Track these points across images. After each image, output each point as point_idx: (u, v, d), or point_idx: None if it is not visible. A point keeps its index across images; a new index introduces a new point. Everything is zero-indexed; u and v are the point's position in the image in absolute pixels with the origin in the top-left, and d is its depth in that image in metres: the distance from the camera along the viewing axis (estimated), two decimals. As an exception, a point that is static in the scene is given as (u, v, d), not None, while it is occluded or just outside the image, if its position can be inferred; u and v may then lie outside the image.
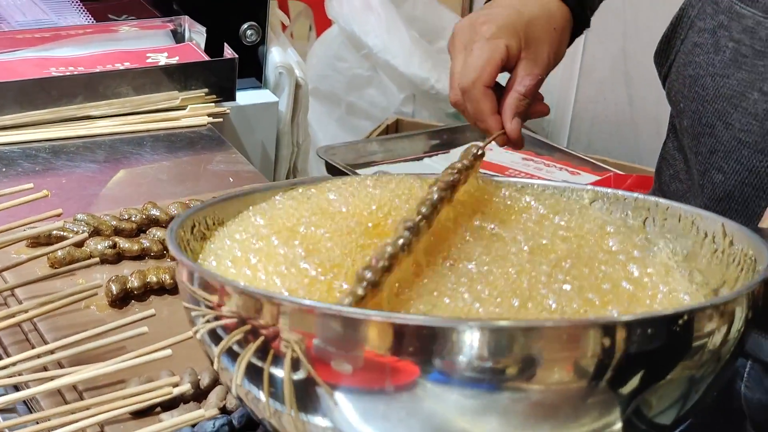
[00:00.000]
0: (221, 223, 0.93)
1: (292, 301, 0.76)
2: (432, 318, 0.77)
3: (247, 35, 1.77)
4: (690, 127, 1.18)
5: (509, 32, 1.09)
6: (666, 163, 1.27)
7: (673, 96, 1.21)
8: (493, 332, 0.71)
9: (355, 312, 0.73)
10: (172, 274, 1.17)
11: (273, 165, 1.83)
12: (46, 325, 1.09)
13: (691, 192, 1.21)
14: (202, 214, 0.92)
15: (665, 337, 0.73)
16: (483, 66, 1.07)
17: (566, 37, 1.15)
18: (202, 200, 1.31)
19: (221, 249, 0.87)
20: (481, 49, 1.07)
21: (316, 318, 0.73)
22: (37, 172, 1.45)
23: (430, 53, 2.68)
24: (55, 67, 1.61)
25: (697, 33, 1.17)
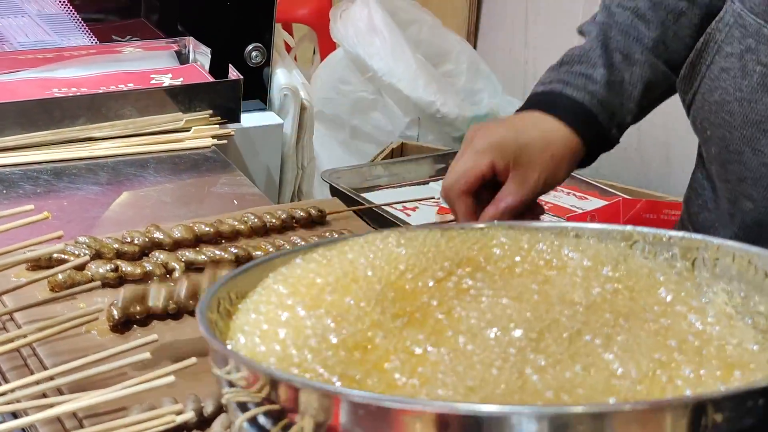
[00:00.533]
0: (244, 295, 0.88)
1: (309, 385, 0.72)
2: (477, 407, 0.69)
3: (252, 57, 1.75)
4: (718, 154, 1.15)
5: (498, 150, 1.13)
6: (695, 192, 1.24)
7: (699, 123, 1.18)
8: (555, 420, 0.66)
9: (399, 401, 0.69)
10: (175, 298, 1.14)
11: (278, 188, 1.80)
12: (45, 350, 1.06)
13: (720, 221, 1.18)
14: (225, 290, 0.87)
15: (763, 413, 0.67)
16: (462, 174, 1.13)
17: (567, 164, 1.17)
18: (206, 223, 1.28)
19: (247, 324, 0.83)
20: (466, 159, 1.14)
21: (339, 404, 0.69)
22: (38, 194, 1.42)
23: (435, 77, 2.66)
24: (58, 88, 1.59)
25: (723, 58, 1.14)
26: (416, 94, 2.62)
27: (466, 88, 2.76)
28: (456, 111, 2.64)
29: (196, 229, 1.28)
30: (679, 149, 2.56)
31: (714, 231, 1.20)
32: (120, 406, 0.96)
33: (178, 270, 1.21)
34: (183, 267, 1.21)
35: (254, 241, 1.29)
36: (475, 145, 1.14)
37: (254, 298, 0.85)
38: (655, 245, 0.93)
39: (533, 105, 1.20)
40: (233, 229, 1.30)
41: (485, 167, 1.13)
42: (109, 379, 0.99)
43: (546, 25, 2.94)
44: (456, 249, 0.91)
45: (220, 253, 1.24)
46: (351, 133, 2.75)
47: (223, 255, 1.23)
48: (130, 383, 0.94)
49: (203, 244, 1.27)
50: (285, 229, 1.33)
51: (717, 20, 1.16)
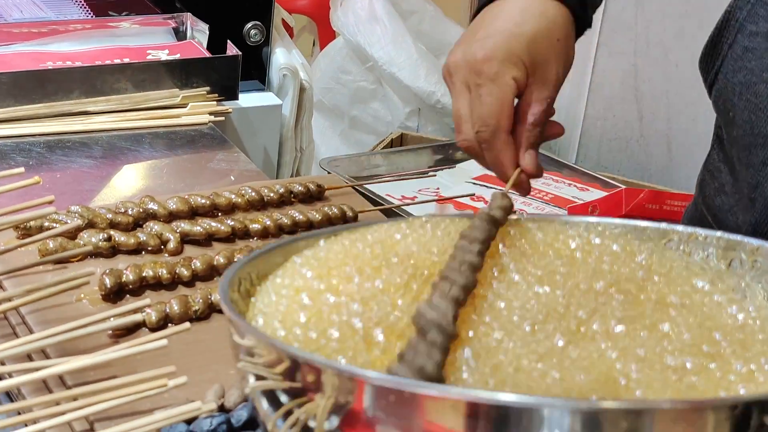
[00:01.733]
0: (265, 276, 0.84)
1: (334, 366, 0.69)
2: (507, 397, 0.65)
3: (251, 35, 1.72)
4: (741, 137, 1.10)
5: (513, 64, 0.99)
6: (710, 175, 1.19)
7: (722, 104, 1.13)
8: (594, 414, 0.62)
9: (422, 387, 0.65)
10: (169, 268, 1.11)
11: (275, 170, 1.77)
12: (35, 317, 1.03)
13: (739, 206, 1.14)
14: (246, 270, 0.83)
15: None
16: (499, 112, 0.99)
17: (571, 42, 1.06)
18: (203, 195, 1.25)
19: (268, 306, 0.80)
20: (490, 93, 0.99)
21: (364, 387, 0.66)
22: (30, 166, 1.39)
23: (436, 67, 2.63)
24: (52, 62, 1.55)
25: (747, 37, 1.09)
26: (417, 83, 2.58)
27: (467, 79, 2.73)
28: (456, 102, 2.61)
29: (192, 202, 1.24)
30: (680, 142, 2.53)
31: (732, 215, 1.16)
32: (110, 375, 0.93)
33: (173, 241, 1.18)
34: (178, 238, 1.18)
35: (251, 215, 1.26)
36: (485, 71, 0.99)
37: (276, 280, 0.82)
38: (689, 244, 0.89)
39: None
40: (230, 202, 1.26)
41: (513, 90, 1.00)
42: (99, 347, 0.96)
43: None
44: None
45: (216, 224, 1.21)
46: (350, 123, 2.72)
47: (219, 227, 1.20)
48: (121, 347, 0.91)
49: (199, 216, 1.24)
50: (283, 203, 1.30)
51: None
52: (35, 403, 0.87)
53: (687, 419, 0.63)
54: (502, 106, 0.99)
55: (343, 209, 1.27)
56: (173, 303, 1.05)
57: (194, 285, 1.12)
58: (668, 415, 0.63)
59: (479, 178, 2.25)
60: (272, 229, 1.22)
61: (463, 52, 1.01)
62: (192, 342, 1.01)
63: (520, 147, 1.01)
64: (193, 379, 0.92)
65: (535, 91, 1.01)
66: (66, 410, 0.85)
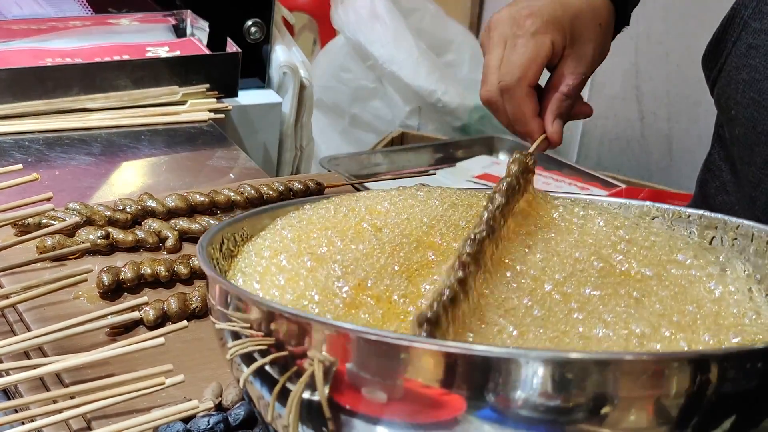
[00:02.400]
0: (249, 239, 0.85)
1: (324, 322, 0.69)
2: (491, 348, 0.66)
3: (251, 32, 1.72)
4: (743, 135, 1.10)
5: (555, 27, 1.02)
6: (711, 174, 1.19)
7: (724, 102, 1.13)
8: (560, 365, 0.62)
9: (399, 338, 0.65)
10: (167, 266, 1.11)
11: (275, 168, 1.77)
12: (32, 315, 1.03)
13: (740, 204, 1.13)
14: (230, 230, 0.83)
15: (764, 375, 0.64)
16: (528, 64, 1.01)
17: (610, 33, 1.08)
18: (201, 193, 1.25)
19: (248, 267, 0.80)
20: (525, 45, 1.01)
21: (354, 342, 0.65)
22: (29, 163, 1.38)
23: (437, 65, 2.62)
24: (52, 58, 1.55)
25: (752, 34, 1.09)
26: (417, 82, 2.58)
27: (468, 77, 2.72)
28: (457, 100, 2.60)
29: (191, 199, 1.24)
30: (681, 141, 2.52)
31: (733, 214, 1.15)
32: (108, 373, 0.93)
33: (171, 238, 1.17)
34: (176, 236, 1.18)
35: (250, 213, 1.26)
36: (527, 27, 1.01)
37: (257, 241, 0.82)
38: (673, 221, 0.90)
39: None
40: (229, 199, 1.26)
41: (549, 50, 1.01)
42: (97, 345, 0.95)
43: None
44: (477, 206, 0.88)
45: (215, 222, 1.20)
46: (351, 122, 2.72)
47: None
48: (118, 345, 0.90)
49: (198, 214, 1.24)
50: (282, 201, 1.30)
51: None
52: (32, 401, 0.87)
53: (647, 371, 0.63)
54: (533, 58, 1.00)
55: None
56: (171, 301, 1.04)
57: (192, 283, 1.11)
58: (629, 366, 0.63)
59: (480, 176, 2.24)
60: (271, 227, 1.22)
61: (509, 9, 1.04)
62: (190, 340, 1.01)
63: (548, 114, 1.03)
64: (191, 378, 0.92)
65: (571, 63, 1.03)
66: (63, 408, 0.84)
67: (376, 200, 0.87)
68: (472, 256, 0.74)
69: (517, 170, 0.87)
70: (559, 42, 1.02)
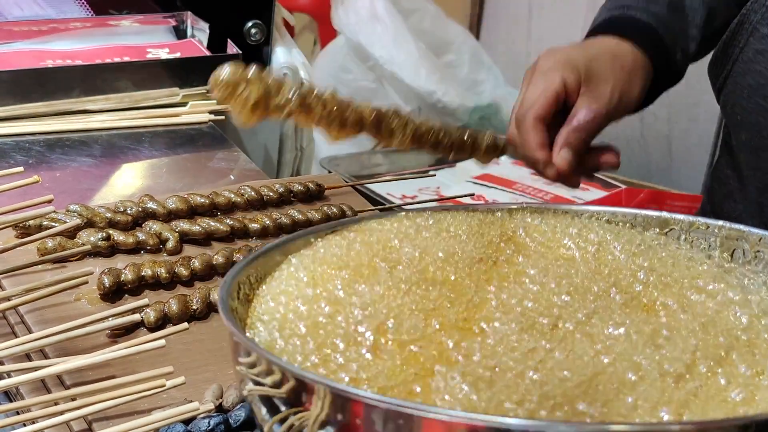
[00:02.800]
0: (263, 278, 0.83)
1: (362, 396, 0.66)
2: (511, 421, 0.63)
3: (252, 34, 1.72)
4: (749, 141, 1.10)
5: (567, 66, 1.07)
6: (718, 181, 1.20)
7: (730, 108, 1.13)
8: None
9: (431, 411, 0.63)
10: (167, 268, 1.11)
11: (276, 169, 1.77)
12: (33, 317, 1.03)
13: (747, 212, 1.13)
14: (245, 274, 0.81)
15: None
16: (536, 98, 1.06)
17: (639, 78, 1.10)
18: (202, 195, 1.25)
19: (266, 313, 0.78)
20: (536, 82, 1.07)
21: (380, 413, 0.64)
22: (30, 164, 1.39)
23: (437, 66, 2.62)
24: (52, 60, 1.55)
25: (758, 40, 1.09)
26: (417, 83, 2.58)
27: (468, 78, 2.72)
28: (457, 101, 2.61)
29: (191, 201, 1.24)
30: (681, 142, 2.53)
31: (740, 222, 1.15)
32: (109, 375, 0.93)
33: (172, 240, 1.17)
34: (177, 237, 1.18)
35: (250, 214, 1.26)
36: (541, 66, 1.08)
37: (273, 285, 0.80)
38: (691, 232, 0.89)
39: (595, 30, 1.14)
40: (229, 201, 1.26)
41: (557, 87, 1.06)
42: (98, 347, 0.96)
43: (549, 17, 2.91)
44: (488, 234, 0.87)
45: (215, 224, 1.20)
46: (350, 122, 2.72)
47: (218, 226, 1.20)
48: (119, 347, 0.91)
49: (198, 215, 1.24)
50: (282, 202, 1.30)
51: (752, 0, 1.11)
52: (33, 403, 0.87)
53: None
54: (542, 93, 1.06)
55: (343, 209, 1.27)
56: (172, 302, 1.04)
57: (193, 284, 1.12)
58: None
59: (479, 177, 2.25)
60: (271, 229, 1.22)
61: (544, 51, 1.10)
62: (190, 342, 1.01)
63: (558, 144, 1.06)
64: (192, 379, 0.92)
65: (586, 100, 1.07)
66: (64, 410, 0.84)
67: (388, 233, 0.85)
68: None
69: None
70: (571, 79, 1.06)
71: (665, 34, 1.12)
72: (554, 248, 0.86)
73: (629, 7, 1.14)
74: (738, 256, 0.86)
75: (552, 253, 0.86)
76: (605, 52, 1.09)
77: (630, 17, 1.13)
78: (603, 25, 1.14)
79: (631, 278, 0.82)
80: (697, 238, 0.88)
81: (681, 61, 1.14)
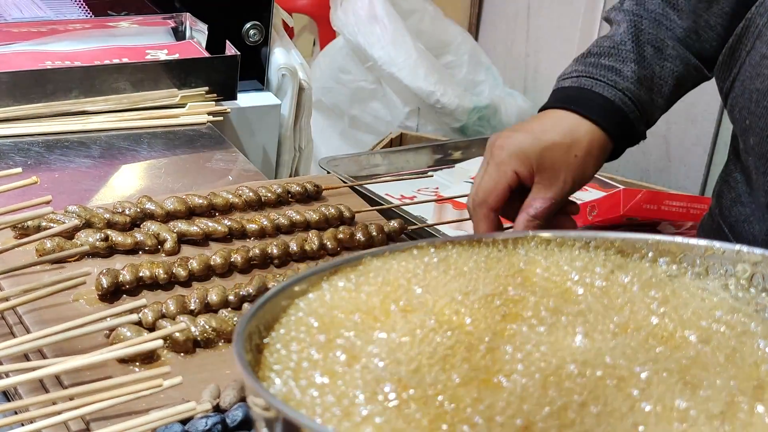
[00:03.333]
0: (271, 326, 0.79)
1: None
2: None
3: (250, 35, 1.73)
4: (756, 145, 1.09)
5: (519, 159, 1.11)
6: (727, 186, 1.19)
7: (737, 112, 1.13)
8: None
9: None
10: (165, 268, 1.11)
11: (274, 169, 1.78)
12: (31, 317, 1.03)
13: (755, 216, 1.13)
14: (254, 323, 0.77)
15: None
16: (489, 190, 1.12)
17: (591, 160, 1.13)
18: (200, 195, 1.25)
19: (278, 362, 0.75)
20: (490, 174, 1.12)
21: None
22: (29, 165, 1.39)
23: (436, 66, 2.63)
24: (51, 61, 1.56)
25: (765, 44, 1.08)
26: (416, 83, 2.59)
27: (467, 79, 2.73)
28: (456, 101, 2.61)
29: (189, 202, 1.25)
30: (678, 143, 2.53)
31: (748, 225, 1.15)
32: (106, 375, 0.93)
33: (170, 241, 1.18)
34: (175, 238, 1.19)
35: (248, 215, 1.27)
36: (495, 157, 1.12)
37: (281, 332, 0.77)
38: (707, 257, 0.85)
39: (558, 101, 1.15)
40: (227, 202, 1.27)
41: (510, 179, 1.11)
42: (97, 347, 0.96)
43: (547, 18, 2.92)
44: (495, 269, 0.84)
45: (213, 225, 1.21)
46: (350, 123, 2.73)
47: (216, 227, 1.21)
48: (117, 347, 0.91)
49: (196, 216, 1.25)
50: (280, 203, 1.31)
51: (758, 4, 1.10)
52: (32, 403, 0.87)
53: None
54: (493, 186, 1.11)
55: (341, 209, 1.27)
56: (169, 303, 1.05)
57: (191, 285, 1.12)
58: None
59: (478, 178, 2.25)
60: (269, 230, 1.22)
61: (495, 135, 1.15)
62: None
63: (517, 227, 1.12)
64: (189, 379, 0.92)
65: (541, 189, 1.12)
66: (62, 410, 0.85)
67: (396, 273, 0.82)
68: None
69: None
70: (523, 171, 1.11)
71: (631, 112, 1.13)
72: (560, 283, 0.83)
73: (596, 80, 1.14)
74: (757, 282, 0.83)
75: (557, 288, 0.83)
76: (560, 139, 1.11)
77: (594, 94, 1.13)
78: (564, 100, 1.15)
79: (645, 311, 0.79)
80: (713, 263, 0.84)
81: (643, 130, 1.16)
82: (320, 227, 1.25)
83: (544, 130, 1.13)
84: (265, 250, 1.17)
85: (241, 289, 1.09)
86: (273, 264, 1.18)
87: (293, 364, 0.74)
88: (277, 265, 1.18)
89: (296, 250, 1.19)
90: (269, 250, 1.18)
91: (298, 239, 1.20)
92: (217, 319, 1.03)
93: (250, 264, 1.17)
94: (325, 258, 1.21)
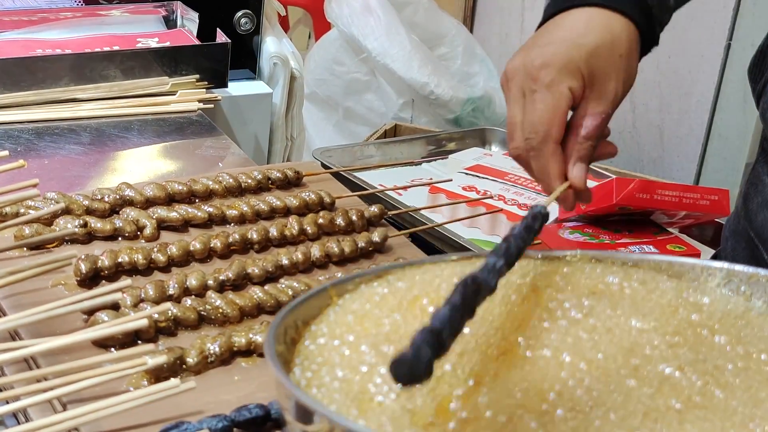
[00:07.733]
0: (308, 321, 0.80)
1: None
2: None
3: (242, 23, 1.73)
4: None
5: (570, 73, 0.96)
6: (754, 189, 1.13)
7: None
8: None
9: None
10: (145, 254, 1.10)
11: (266, 159, 1.78)
12: (10, 302, 1.03)
13: None
14: (292, 317, 0.78)
15: None
16: (550, 120, 0.95)
17: (634, 60, 1.01)
18: (180, 182, 1.24)
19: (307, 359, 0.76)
20: (543, 100, 0.96)
21: None
22: (18, 152, 1.40)
23: (430, 58, 2.63)
24: (42, 49, 1.56)
25: None
26: (410, 75, 2.59)
27: (461, 71, 2.73)
28: (450, 93, 2.61)
29: (169, 188, 1.23)
30: (672, 132, 2.53)
31: None
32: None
33: (149, 227, 1.17)
34: (154, 224, 1.18)
35: (228, 201, 1.26)
36: (542, 78, 0.96)
37: (320, 327, 0.79)
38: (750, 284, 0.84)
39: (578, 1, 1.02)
40: (207, 188, 1.25)
41: (568, 100, 0.96)
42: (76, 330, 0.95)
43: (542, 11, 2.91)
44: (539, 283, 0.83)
45: (193, 210, 1.20)
46: (344, 115, 2.73)
47: (196, 213, 1.20)
48: (100, 327, 0.91)
49: (176, 203, 1.24)
50: (260, 189, 1.30)
51: None
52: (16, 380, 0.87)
53: None
54: (554, 114, 0.96)
55: (321, 195, 1.27)
56: (148, 288, 1.04)
57: (170, 270, 1.12)
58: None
59: (471, 168, 2.25)
60: (249, 215, 1.22)
61: (522, 58, 0.98)
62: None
63: (569, 159, 0.98)
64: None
65: (591, 104, 0.98)
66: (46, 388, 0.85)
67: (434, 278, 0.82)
68: None
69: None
70: (576, 87, 0.96)
71: (654, 4, 1.02)
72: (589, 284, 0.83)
73: None
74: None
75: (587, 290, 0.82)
76: (601, 41, 0.98)
77: None
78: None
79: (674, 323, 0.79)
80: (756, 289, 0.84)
81: (659, 32, 1.06)
82: (300, 213, 1.25)
83: (581, 33, 0.97)
84: (245, 235, 1.17)
85: (221, 274, 1.08)
86: (253, 249, 1.18)
87: (321, 359, 0.75)
88: (257, 251, 1.18)
89: (276, 235, 1.19)
90: (249, 235, 1.17)
91: (278, 225, 1.20)
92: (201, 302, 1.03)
93: (230, 249, 1.16)
94: (305, 243, 1.20)
